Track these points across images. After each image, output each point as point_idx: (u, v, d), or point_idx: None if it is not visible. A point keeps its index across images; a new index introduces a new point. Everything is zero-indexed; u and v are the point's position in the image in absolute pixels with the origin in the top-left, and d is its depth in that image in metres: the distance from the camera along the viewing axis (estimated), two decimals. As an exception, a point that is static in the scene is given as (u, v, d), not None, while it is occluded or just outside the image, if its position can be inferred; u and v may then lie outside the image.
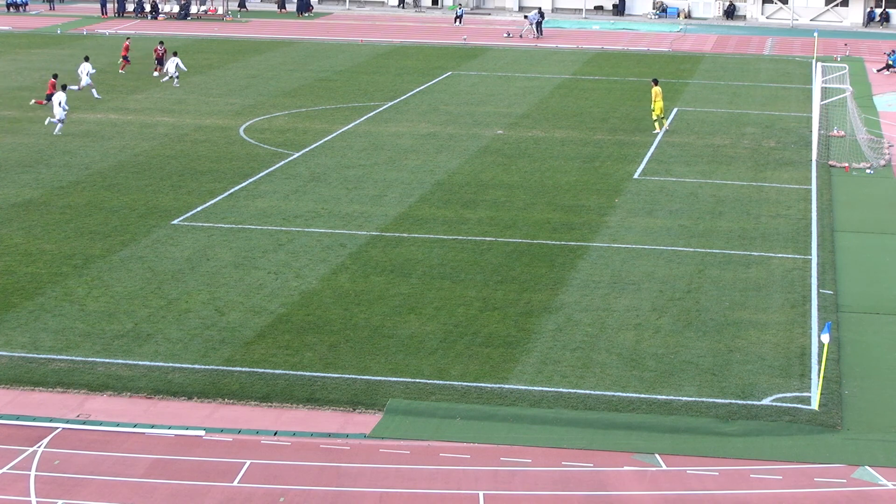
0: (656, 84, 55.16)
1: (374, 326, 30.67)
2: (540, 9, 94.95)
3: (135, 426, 25.16)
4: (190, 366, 28.03)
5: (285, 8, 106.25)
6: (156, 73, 69.11)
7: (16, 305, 31.78)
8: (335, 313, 31.54)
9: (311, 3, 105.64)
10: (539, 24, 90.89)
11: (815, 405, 26.37)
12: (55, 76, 58.64)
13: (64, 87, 54.02)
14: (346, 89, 65.88)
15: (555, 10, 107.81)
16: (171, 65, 66.72)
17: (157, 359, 28.41)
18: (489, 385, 27.24)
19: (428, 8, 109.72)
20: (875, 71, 76.31)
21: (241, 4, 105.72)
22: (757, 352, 29.38)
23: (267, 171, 46.48)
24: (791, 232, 39.57)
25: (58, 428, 25.00)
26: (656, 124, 55.16)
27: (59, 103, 52.27)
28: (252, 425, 25.27)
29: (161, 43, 71.47)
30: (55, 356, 28.41)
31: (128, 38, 74.53)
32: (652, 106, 55.06)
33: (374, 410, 25.97)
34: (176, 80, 66.34)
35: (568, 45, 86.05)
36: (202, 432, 24.95)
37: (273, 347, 29.22)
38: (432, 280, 34.24)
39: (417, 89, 66.03)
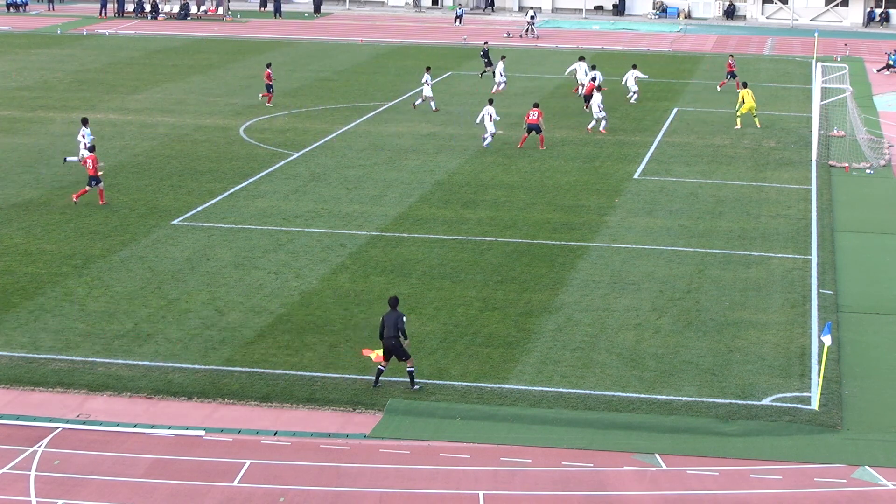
0: (745, 86, 56.66)
1: (374, 326, 30.59)
2: (532, 9, 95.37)
3: (135, 426, 25.16)
4: (190, 366, 28.04)
5: (267, 6, 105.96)
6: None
7: (16, 305, 31.78)
8: (335, 313, 31.54)
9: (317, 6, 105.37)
10: (532, 24, 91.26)
11: (815, 405, 26.37)
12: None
13: (490, 101, 52.25)
14: (346, 89, 65.86)
15: (555, 10, 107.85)
16: (498, 68, 65.36)
17: (157, 359, 28.41)
18: (489, 385, 27.24)
19: (428, 8, 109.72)
20: (875, 71, 76.31)
21: (277, 10, 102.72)
22: (757, 352, 29.38)
23: (267, 171, 46.48)
24: (791, 232, 39.56)
25: (58, 428, 25.00)
26: (738, 120, 56.12)
27: (491, 116, 51.01)
28: (252, 425, 25.27)
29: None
30: (55, 356, 28.42)
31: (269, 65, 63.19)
32: (738, 107, 56.16)
33: (374, 410, 25.97)
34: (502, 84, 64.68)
35: (568, 45, 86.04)
36: (202, 432, 24.95)
37: (273, 347, 29.22)
38: (432, 280, 34.24)
39: (417, 89, 66.00)
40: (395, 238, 38.12)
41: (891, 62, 76.51)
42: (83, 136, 44.64)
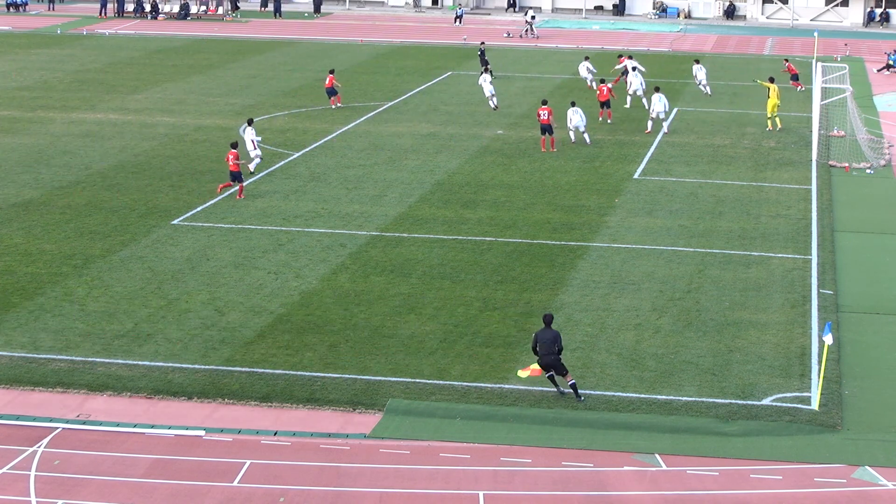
0: (772, 81, 56.62)
1: (374, 326, 30.67)
2: (531, 9, 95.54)
3: (135, 426, 25.17)
4: (190, 366, 28.04)
5: (268, 6, 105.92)
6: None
7: (16, 305, 31.78)
8: (335, 313, 31.54)
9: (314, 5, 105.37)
10: (530, 24, 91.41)
11: (815, 405, 26.37)
12: None
13: (573, 104, 53.10)
14: (347, 89, 65.79)
15: (555, 10, 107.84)
16: (583, 67, 64.33)
17: (157, 359, 28.41)
18: (489, 385, 27.24)
19: (428, 8, 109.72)
20: (875, 71, 76.29)
21: (277, 10, 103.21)
22: (757, 352, 29.38)
23: (267, 171, 46.46)
24: (791, 232, 39.57)
25: (58, 428, 25.00)
26: (769, 122, 56.21)
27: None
28: (252, 425, 25.27)
29: (625, 56, 67.15)
30: (55, 356, 28.42)
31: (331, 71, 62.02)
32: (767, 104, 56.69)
33: (374, 410, 25.97)
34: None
35: (568, 45, 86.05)
36: (202, 432, 24.95)
37: (273, 347, 29.22)
38: (432, 280, 34.24)
39: (417, 89, 66.04)
40: (395, 238, 38.12)
41: (891, 62, 76.49)
42: (253, 138, 45.35)
